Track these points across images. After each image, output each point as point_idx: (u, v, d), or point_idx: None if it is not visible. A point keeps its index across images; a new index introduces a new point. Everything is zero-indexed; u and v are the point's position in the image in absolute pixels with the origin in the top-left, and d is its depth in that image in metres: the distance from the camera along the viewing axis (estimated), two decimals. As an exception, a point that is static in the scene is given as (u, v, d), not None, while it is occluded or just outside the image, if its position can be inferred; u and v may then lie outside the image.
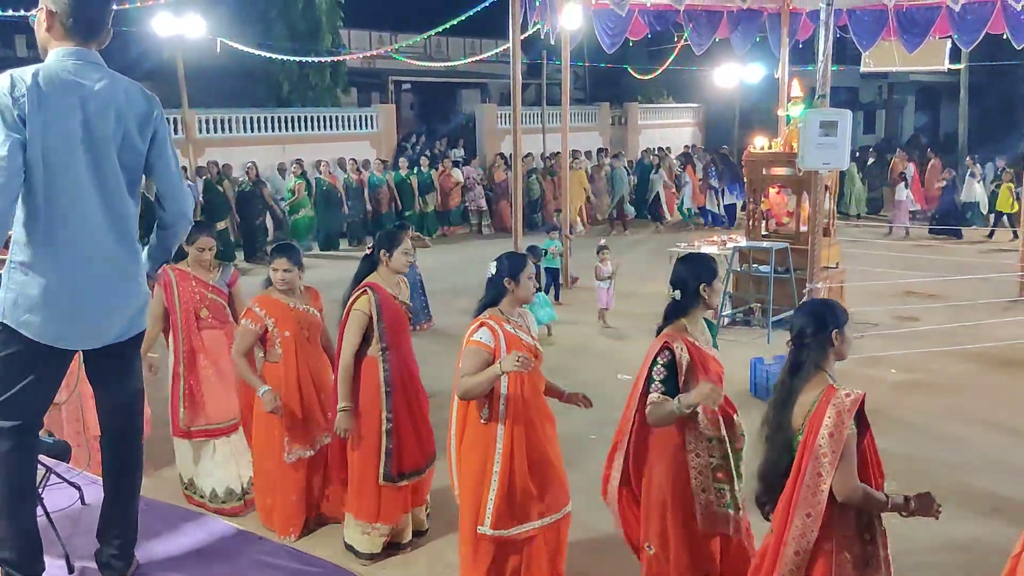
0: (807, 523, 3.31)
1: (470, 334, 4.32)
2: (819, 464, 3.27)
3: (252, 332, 5.37)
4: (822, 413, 3.30)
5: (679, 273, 4.13)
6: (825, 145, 8.17)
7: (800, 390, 3.43)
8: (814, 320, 3.48)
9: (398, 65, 26.60)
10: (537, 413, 4.43)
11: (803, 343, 3.47)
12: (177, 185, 3.17)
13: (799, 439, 3.39)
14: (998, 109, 30.27)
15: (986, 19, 12.00)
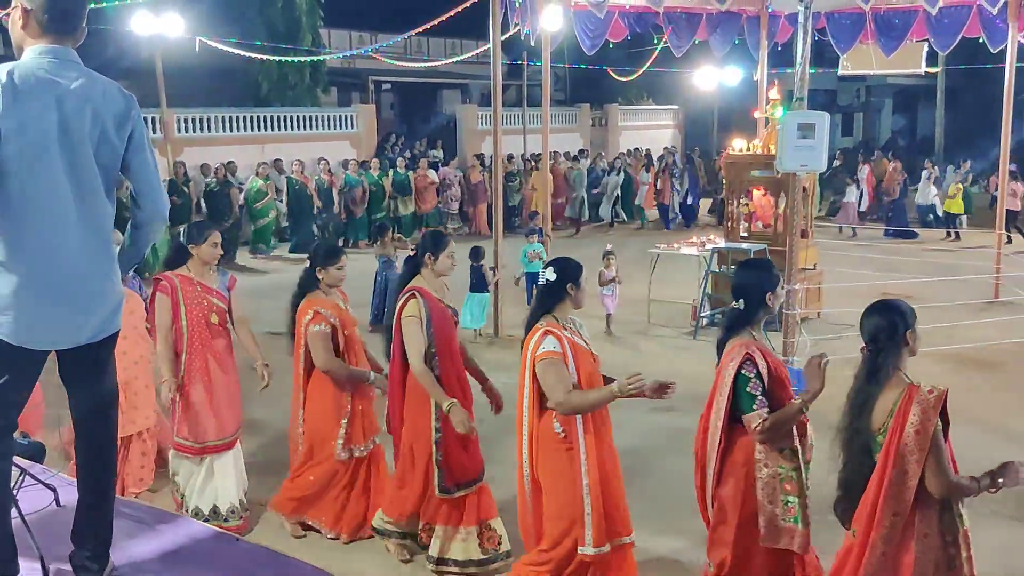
0: (895, 523, 3.31)
1: (537, 345, 4.21)
2: (906, 463, 3.28)
3: (327, 335, 5.31)
4: (906, 412, 3.31)
5: (744, 282, 4.12)
6: (803, 147, 8.19)
7: (879, 394, 3.42)
8: (888, 323, 3.48)
9: (378, 65, 26.51)
10: (603, 422, 4.34)
11: (879, 347, 3.46)
12: (154, 184, 3.15)
13: (879, 441, 3.39)
14: (974, 112, 30.52)
15: (962, 23, 12.11)
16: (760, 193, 11.65)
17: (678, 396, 4.25)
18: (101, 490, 3.13)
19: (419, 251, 5.03)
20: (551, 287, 4.32)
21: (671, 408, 4.35)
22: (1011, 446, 6.91)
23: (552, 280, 4.30)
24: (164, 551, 3.36)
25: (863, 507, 3.41)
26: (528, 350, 4.26)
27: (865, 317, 3.58)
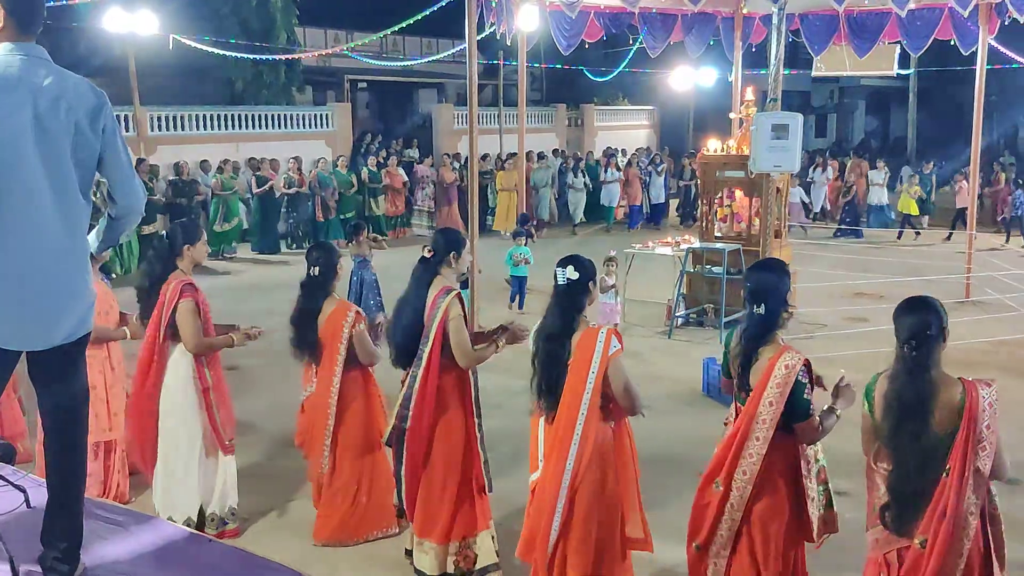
0: (970, 522, 3.32)
1: (607, 346, 4.05)
2: (983, 458, 3.31)
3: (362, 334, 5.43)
4: (975, 409, 3.33)
5: (765, 285, 3.97)
6: (777, 148, 8.27)
7: (936, 392, 3.40)
8: (930, 320, 3.47)
9: (354, 64, 26.45)
10: None
11: (922, 345, 3.44)
12: (128, 178, 3.13)
13: (944, 441, 3.36)
14: (946, 113, 30.92)
15: (934, 25, 12.21)
16: (741, 193, 11.72)
17: (655, 396, 4.28)
18: (70, 491, 3.10)
19: (440, 251, 4.85)
20: (575, 287, 4.19)
21: (647, 407, 4.30)
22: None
23: (575, 279, 4.17)
24: (137, 552, 3.34)
25: (935, 508, 3.35)
26: (596, 351, 4.06)
27: (905, 315, 3.52)
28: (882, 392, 3.54)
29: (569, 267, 4.17)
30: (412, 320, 4.79)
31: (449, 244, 4.87)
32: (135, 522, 3.62)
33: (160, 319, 5.23)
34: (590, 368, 4.04)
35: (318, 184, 18.02)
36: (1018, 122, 34.66)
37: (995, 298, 11.96)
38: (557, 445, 4.10)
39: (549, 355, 4.18)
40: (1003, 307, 11.55)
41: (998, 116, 31.46)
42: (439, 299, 4.72)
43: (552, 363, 4.16)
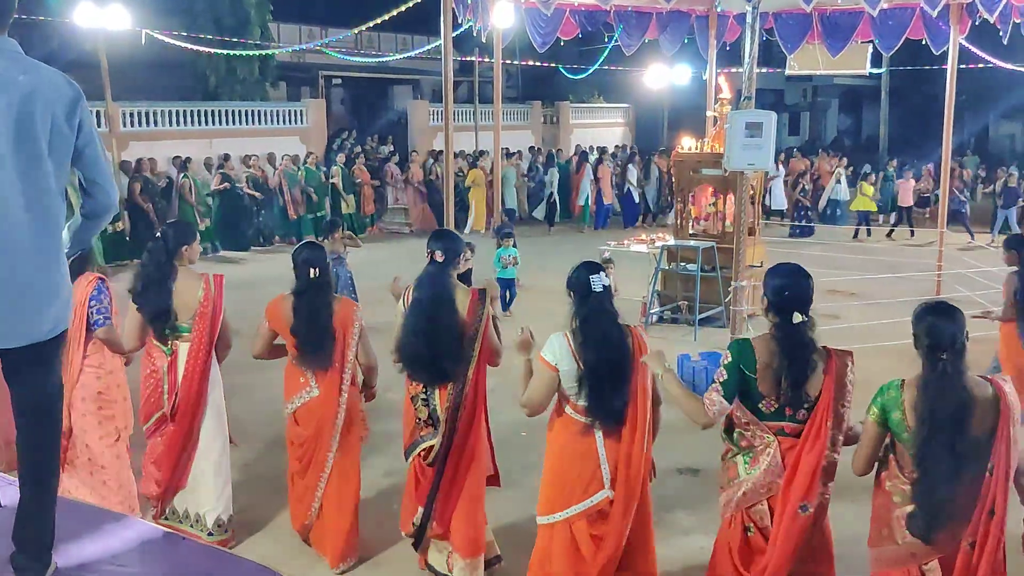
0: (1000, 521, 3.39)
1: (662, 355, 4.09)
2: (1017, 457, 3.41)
3: None
4: (1008, 408, 3.40)
5: (809, 292, 3.90)
6: (750, 146, 8.30)
7: (974, 400, 3.42)
8: (961, 327, 3.47)
9: (328, 60, 26.32)
10: None
11: (955, 352, 3.44)
12: (104, 174, 3.10)
13: (981, 442, 3.41)
14: (917, 112, 31.17)
15: (906, 25, 12.33)
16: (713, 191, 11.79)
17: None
18: (42, 490, 3.07)
19: (450, 252, 4.76)
20: (609, 292, 4.16)
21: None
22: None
23: (608, 285, 4.15)
24: (110, 552, 3.31)
25: (981, 511, 3.39)
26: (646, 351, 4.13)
27: (940, 323, 3.48)
28: (912, 403, 3.48)
29: (602, 274, 4.13)
30: (447, 327, 4.61)
31: (457, 247, 4.86)
32: (108, 521, 3.59)
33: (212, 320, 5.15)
34: (647, 376, 4.07)
35: (285, 181, 17.92)
36: (988, 121, 35.05)
37: (965, 295, 12.08)
38: (634, 459, 4.05)
39: (613, 367, 4.02)
40: (973, 304, 11.67)
41: (969, 115, 31.81)
42: (478, 303, 4.68)
43: (616, 375, 4.03)
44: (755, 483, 3.83)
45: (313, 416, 5.09)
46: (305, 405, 5.12)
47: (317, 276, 5.02)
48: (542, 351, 4.13)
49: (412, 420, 4.81)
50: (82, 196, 3.09)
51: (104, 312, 5.06)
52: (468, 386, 4.63)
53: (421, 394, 4.74)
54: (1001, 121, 35.33)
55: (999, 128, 36.59)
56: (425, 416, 4.71)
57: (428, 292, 4.64)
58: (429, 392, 4.71)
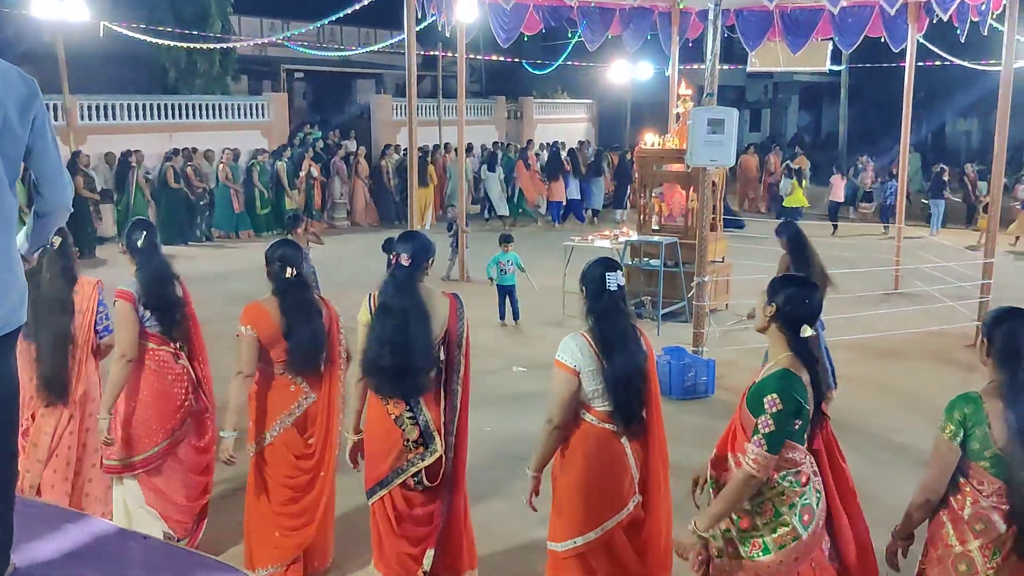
0: None
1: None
2: None
3: None
4: None
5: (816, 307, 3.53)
6: (712, 142, 8.37)
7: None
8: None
9: (290, 53, 26.12)
10: None
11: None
12: (57, 172, 3.04)
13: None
14: (876, 109, 31.51)
15: (865, 22, 12.47)
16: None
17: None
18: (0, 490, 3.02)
19: (419, 255, 4.33)
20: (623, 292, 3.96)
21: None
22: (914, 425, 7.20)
23: (624, 284, 3.96)
24: (68, 550, 3.27)
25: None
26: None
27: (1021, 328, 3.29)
28: (998, 416, 3.23)
29: (618, 272, 3.93)
30: (422, 336, 4.27)
31: (426, 250, 4.42)
32: (67, 520, 3.54)
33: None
34: (656, 378, 4.03)
35: (229, 176, 17.88)
36: (946, 118, 35.54)
37: (923, 290, 12.28)
38: (656, 463, 3.96)
39: (637, 369, 3.88)
40: (930, 298, 11.86)
41: (927, 112, 32.24)
42: (458, 308, 4.42)
43: (639, 377, 3.88)
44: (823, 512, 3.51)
45: (318, 422, 4.82)
46: (306, 413, 4.80)
47: (294, 276, 4.74)
48: (558, 355, 3.86)
49: (392, 446, 4.35)
50: (34, 194, 3.03)
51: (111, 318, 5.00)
52: (461, 398, 4.40)
53: (407, 412, 4.32)
54: (958, 118, 35.85)
55: (956, 125, 37.13)
56: (416, 435, 4.31)
57: (397, 299, 4.27)
58: (416, 408, 4.33)
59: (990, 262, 10.20)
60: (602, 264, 3.96)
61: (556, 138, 26.42)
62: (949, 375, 9.04)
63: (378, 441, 4.40)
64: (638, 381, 3.87)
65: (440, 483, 4.40)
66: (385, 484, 4.38)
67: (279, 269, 4.73)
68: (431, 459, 4.34)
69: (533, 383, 8.42)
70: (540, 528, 4.31)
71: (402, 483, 4.37)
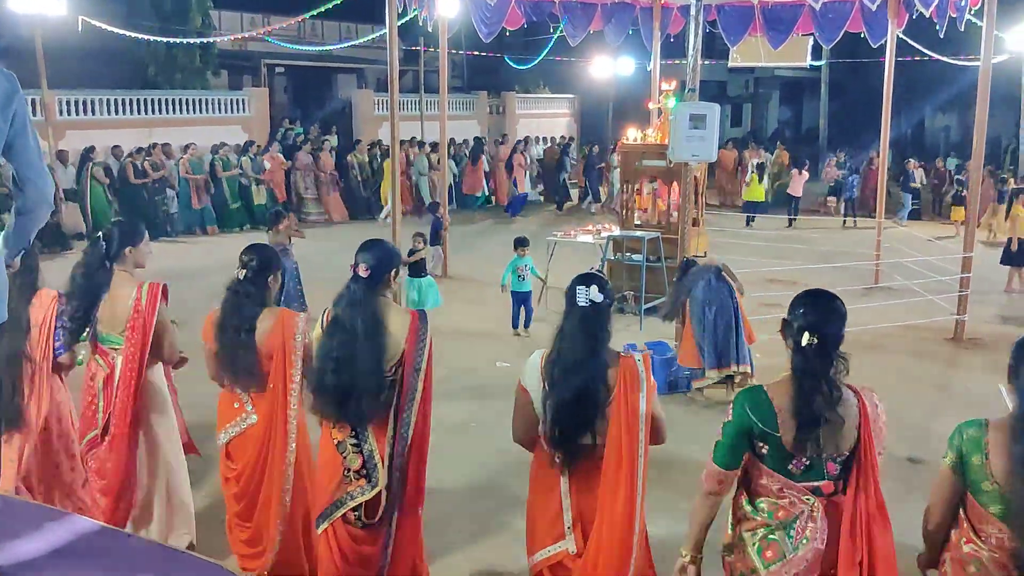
0: None
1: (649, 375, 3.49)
2: None
3: None
4: None
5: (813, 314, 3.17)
6: (694, 138, 8.39)
7: None
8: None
9: (271, 48, 26.00)
10: None
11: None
12: (38, 168, 3.03)
13: None
14: (856, 104, 31.68)
15: (845, 18, 12.52)
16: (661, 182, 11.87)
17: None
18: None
19: (379, 268, 3.99)
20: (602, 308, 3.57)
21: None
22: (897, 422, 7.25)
23: (598, 300, 3.55)
24: (49, 548, 3.26)
25: None
26: (641, 384, 3.44)
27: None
28: (999, 449, 2.95)
29: (594, 288, 3.54)
30: (368, 354, 3.87)
31: (388, 260, 4.05)
32: (47, 518, 3.52)
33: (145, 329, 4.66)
34: (639, 406, 3.42)
35: (189, 171, 17.60)
36: (925, 113, 35.75)
37: (902, 284, 12.37)
38: (608, 514, 3.43)
39: (577, 393, 3.45)
40: (909, 292, 11.95)
41: (906, 107, 32.44)
42: (420, 327, 3.99)
43: (580, 404, 3.45)
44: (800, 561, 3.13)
45: (250, 450, 4.41)
46: (244, 434, 4.42)
47: (245, 279, 4.33)
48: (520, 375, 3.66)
49: (334, 474, 3.99)
50: (14, 191, 3.01)
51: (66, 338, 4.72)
52: (415, 427, 3.95)
53: (350, 439, 3.95)
54: (937, 113, 36.08)
55: (935, 120, 37.36)
56: (358, 465, 3.93)
57: (349, 314, 3.89)
58: (361, 435, 3.94)
59: (969, 256, 10.29)
60: (578, 279, 3.60)
61: (538, 132, 26.43)
62: (928, 368, 9.13)
63: (322, 468, 4.08)
64: (583, 409, 3.44)
65: (380, 521, 3.97)
66: (325, 516, 4.02)
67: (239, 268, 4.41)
68: (370, 493, 3.92)
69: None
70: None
71: (343, 517, 3.98)
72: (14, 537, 3.25)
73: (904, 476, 6.33)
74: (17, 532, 3.29)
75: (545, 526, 3.59)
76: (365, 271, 3.93)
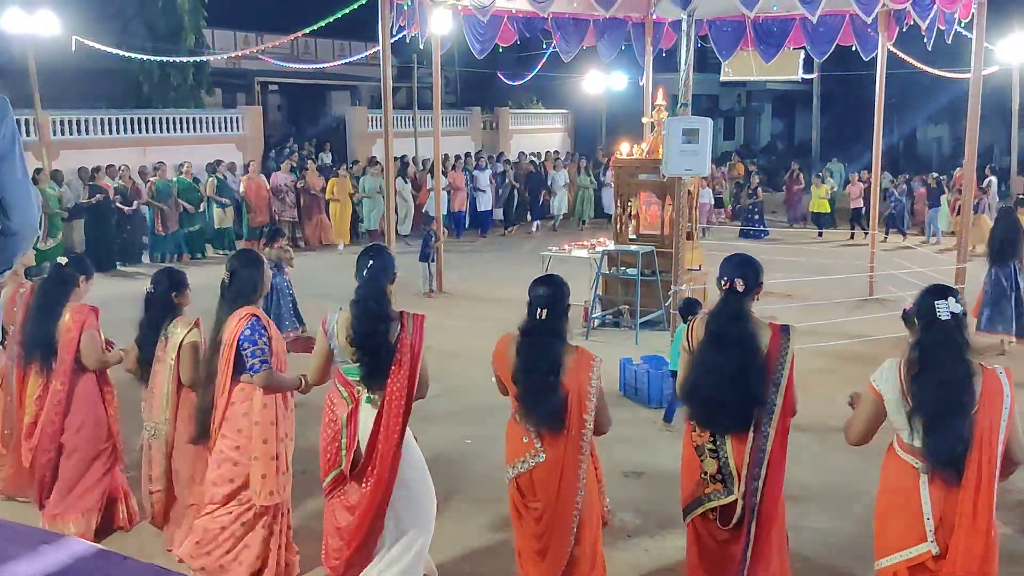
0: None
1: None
2: None
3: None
4: None
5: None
6: (687, 152, 8.43)
7: None
8: None
9: (264, 66, 26.06)
10: None
11: None
12: (24, 192, 2.99)
13: None
14: (848, 116, 31.85)
15: (837, 31, 12.59)
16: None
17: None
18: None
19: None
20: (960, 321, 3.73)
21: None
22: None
23: (958, 312, 3.69)
24: (45, 572, 3.23)
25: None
26: (1004, 403, 3.59)
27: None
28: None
29: (950, 299, 3.69)
30: (744, 368, 4.12)
31: (757, 275, 4.38)
32: (43, 541, 3.50)
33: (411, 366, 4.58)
34: (995, 424, 3.56)
35: (156, 194, 16.58)
36: (917, 125, 35.92)
37: (897, 295, 12.37)
38: (968, 515, 3.58)
39: (952, 407, 3.60)
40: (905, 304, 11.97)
41: (898, 119, 32.59)
42: (783, 342, 4.17)
43: (954, 416, 3.58)
44: None
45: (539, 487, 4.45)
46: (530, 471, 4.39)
47: (545, 319, 4.21)
48: (872, 375, 3.81)
49: (693, 473, 4.24)
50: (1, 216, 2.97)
51: (261, 355, 4.64)
52: (774, 441, 4.04)
53: (708, 444, 4.14)
54: (928, 124, 36.25)
55: (927, 131, 37.54)
56: (713, 470, 4.11)
57: (727, 327, 4.18)
58: (719, 442, 4.11)
59: (963, 267, 10.32)
60: (931, 293, 3.77)
61: (532, 148, 26.47)
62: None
63: (684, 465, 4.34)
64: (953, 420, 3.56)
65: (736, 526, 4.12)
66: (689, 511, 4.32)
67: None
68: (725, 500, 4.12)
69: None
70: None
71: (703, 515, 4.24)
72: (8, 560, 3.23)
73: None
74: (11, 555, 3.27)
75: (902, 528, 3.67)
76: (741, 285, 4.16)
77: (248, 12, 28.12)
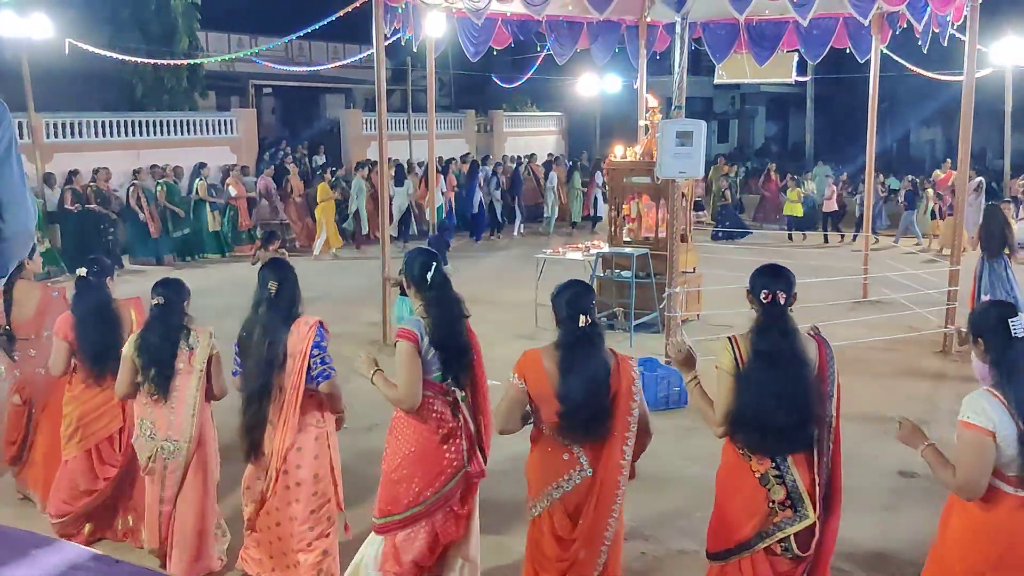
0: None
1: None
2: None
3: None
4: None
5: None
6: (681, 154, 8.43)
7: None
8: None
9: (259, 68, 26.03)
10: None
11: None
12: (20, 195, 2.98)
13: None
14: (841, 119, 31.93)
15: (831, 34, 12.61)
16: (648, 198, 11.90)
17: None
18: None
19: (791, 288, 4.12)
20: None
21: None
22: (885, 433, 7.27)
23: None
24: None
25: None
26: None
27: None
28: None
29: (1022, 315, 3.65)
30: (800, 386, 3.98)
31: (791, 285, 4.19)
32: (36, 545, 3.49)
33: None
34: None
35: (143, 198, 16.69)
36: (910, 127, 36.03)
37: (890, 297, 12.41)
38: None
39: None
40: (898, 306, 11.99)
41: (891, 121, 32.69)
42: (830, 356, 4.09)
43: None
44: None
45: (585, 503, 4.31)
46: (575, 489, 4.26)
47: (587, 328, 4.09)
48: (964, 415, 3.50)
49: (756, 508, 3.91)
50: None
51: (330, 362, 4.61)
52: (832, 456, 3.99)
53: (772, 470, 3.89)
54: (922, 127, 36.36)
55: (920, 134, 37.64)
56: (782, 496, 3.87)
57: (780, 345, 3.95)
58: (783, 467, 3.88)
59: (956, 269, 10.34)
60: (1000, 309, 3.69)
61: (527, 151, 26.46)
62: (916, 381, 9.15)
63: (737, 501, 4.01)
64: None
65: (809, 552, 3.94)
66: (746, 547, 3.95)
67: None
68: (801, 525, 3.87)
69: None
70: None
71: (767, 549, 3.91)
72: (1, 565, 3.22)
73: (896, 488, 6.34)
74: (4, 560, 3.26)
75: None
76: (783, 298, 3.99)
77: (242, 15, 28.08)
